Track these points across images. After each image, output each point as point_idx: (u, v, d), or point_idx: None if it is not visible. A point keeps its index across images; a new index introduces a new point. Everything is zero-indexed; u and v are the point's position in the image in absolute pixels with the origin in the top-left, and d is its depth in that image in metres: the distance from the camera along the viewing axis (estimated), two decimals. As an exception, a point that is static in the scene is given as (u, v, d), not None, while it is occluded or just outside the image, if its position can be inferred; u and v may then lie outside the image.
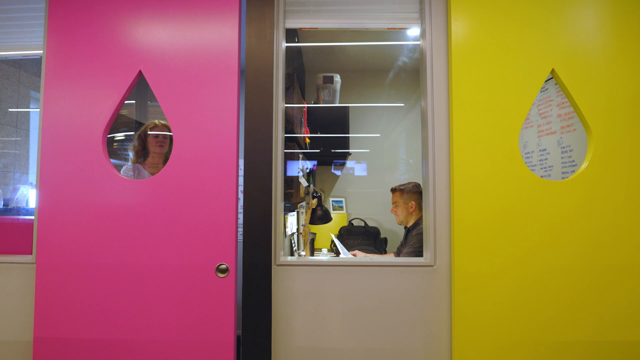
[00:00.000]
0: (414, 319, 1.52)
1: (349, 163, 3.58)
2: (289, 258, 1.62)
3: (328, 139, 3.00)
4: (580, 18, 1.52)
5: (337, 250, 3.03)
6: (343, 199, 3.58)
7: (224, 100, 1.52)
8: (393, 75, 3.57)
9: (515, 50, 1.51)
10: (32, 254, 1.57)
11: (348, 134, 3.12)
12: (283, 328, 1.53)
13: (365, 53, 3.26)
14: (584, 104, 1.50)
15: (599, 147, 1.49)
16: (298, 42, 2.63)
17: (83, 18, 1.56)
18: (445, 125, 1.55)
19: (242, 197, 1.55)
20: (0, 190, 2.78)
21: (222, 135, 1.51)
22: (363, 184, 3.60)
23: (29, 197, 2.76)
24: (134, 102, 2.70)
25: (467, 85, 1.51)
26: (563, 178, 2.14)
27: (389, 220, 3.45)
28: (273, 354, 1.51)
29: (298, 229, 2.77)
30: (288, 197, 2.34)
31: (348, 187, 3.62)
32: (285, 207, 2.30)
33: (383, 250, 2.93)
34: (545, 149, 2.37)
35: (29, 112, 3.00)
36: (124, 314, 1.49)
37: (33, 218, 1.56)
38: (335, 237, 2.80)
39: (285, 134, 1.68)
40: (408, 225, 2.35)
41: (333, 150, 3.04)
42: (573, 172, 2.11)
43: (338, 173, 3.58)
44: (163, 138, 2.09)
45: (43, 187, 1.53)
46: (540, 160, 2.42)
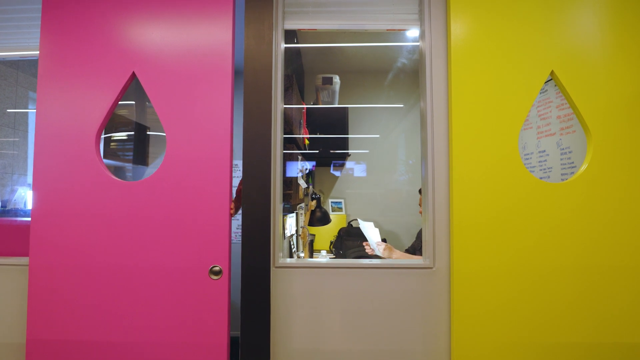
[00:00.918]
0: (413, 321, 1.52)
1: (349, 164, 3.58)
2: (288, 260, 1.61)
3: (327, 140, 2.99)
4: (580, 20, 1.52)
5: (336, 252, 3.02)
6: (342, 200, 3.57)
7: (218, 101, 1.51)
8: (393, 76, 3.56)
9: (515, 52, 1.51)
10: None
11: (347, 135, 3.12)
12: (282, 330, 1.52)
13: (365, 54, 3.25)
14: (583, 106, 1.50)
15: (598, 149, 1.49)
16: (297, 43, 2.62)
17: (77, 19, 1.56)
18: (445, 127, 1.55)
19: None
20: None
21: (215, 137, 1.51)
22: (362, 185, 3.59)
23: (27, 198, 2.75)
24: (134, 102, 2.70)
25: (466, 87, 1.51)
26: (562, 179, 2.13)
27: (388, 222, 3.45)
28: (272, 357, 1.50)
29: (297, 231, 2.76)
30: (287, 198, 2.34)
31: (347, 188, 3.61)
32: (285, 208, 2.29)
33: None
34: (545, 151, 2.36)
35: (27, 113, 3.00)
36: (117, 316, 1.48)
37: (30, 220, 1.55)
38: (360, 224, 2.38)
39: (284, 135, 1.68)
40: None
41: (332, 151, 3.04)
42: (572, 173, 2.10)
43: (337, 174, 3.58)
44: None
45: (36, 188, 1.52)
46: (540, 162, 2.42)
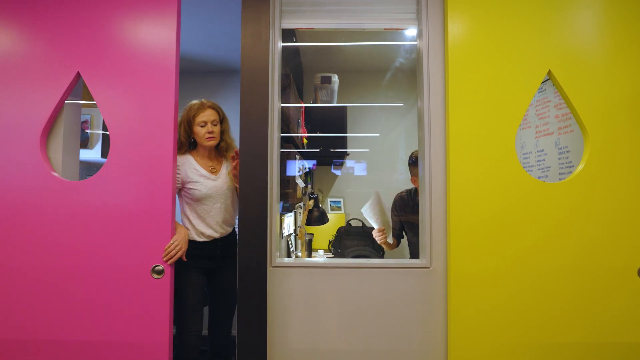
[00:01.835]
0: (411, 321, 1.52)
1: (349, 162, 3.57)
2: (286, 260, 1.61)
3: (325, 139, 2.99)
4: (578, 20, 1.52)
5: (335, 251, 3.02)
6: (341, 200, 3.57)
7: (161, 101, 1.54)
8: (392, 75, 3.55)
9: (513, 52, 1.51)
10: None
11: (346, 134, 3.11)
12: (279, 330, 1.52)
13: (364, 53, 3.24)
14: (580, 106, 1.50)
15: (595, 148, 1.49)
16: (296, 42, 2.61)
17: (21, 19, 1.57)
18: (442, 126, 1.55)
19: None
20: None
21: (159, 136, 1.53)
22: (362, 184, 3.58)
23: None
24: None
25: (463, 86, 1.51)
26: (560, 179, 2.13)
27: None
28: (269, 357, 1.50)
29: (295, 230, 2.76)
30: (286, 197, 2.34)
31: (347, 187, 3.61)
32: (284, 207, 2.29)
33: (380, 251, 2.92)
34: (543, 150, 2.36)
35: None
36: (58, 315, 1.50)
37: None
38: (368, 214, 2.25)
39: (282, 134, 1.67)
40: None
41: (332, 150, 3.03)
42: (570, 173, 2.09)
43: (338, 173, 3.57)
44: (212, 126, 1.81)
45: None
46: (538, 161, 2.41)
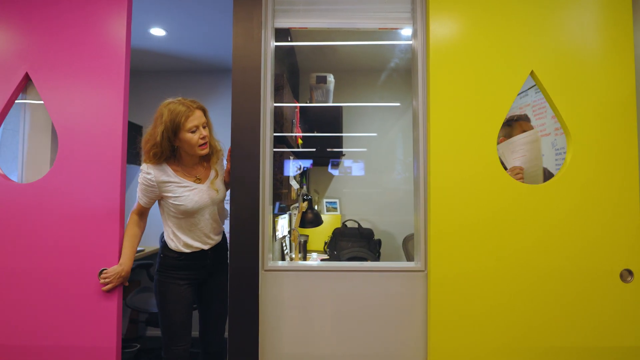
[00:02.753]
0: (405, 324, 1.50)
1: (345, 162, 3.54)
2: (279, 263, 1.59)
3: (321, 139, 2.96)
4: (561, 21, 1.50)
5: (331, 253, 2.99)
6: (337, 200, 3.54)
7: (110, 102, 1.53)
8: (389, 75, 3.53)
9: (495, 52, 1.49)
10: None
11: (342, 134, 3.08)
12: (271, 334, 1.50)
13: (360, 53, 3.22)
14: (563, 107, 1.48)
15: (578, 150, 1.47)
16: (291, 41, 2.59)
17: None
18: (437, 127, 1.52)
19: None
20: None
21: (107, 135, 1.52)
22: (358, 184, 3.56)
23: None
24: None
25: (444, 88, 1.49)
26: (557, 180, 2.11)
27: (384, 222, 3.42)
28: (261, 361, 1.48)
29: (290, 232, 2.73)
30: (281, 198, 2.31)
31: (343, 187, 3.58)
32: (280, 207, 2.26)
33: (377, 252, 2.90)
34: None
35: None
36: (3, 319, 1.48)
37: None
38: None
39: (276, 134, 1.65)
40: None
41: (327, 150, 3.00)
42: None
43: (335, 172, 3.54)
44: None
45: None
46: (535, 162, 2.39)
